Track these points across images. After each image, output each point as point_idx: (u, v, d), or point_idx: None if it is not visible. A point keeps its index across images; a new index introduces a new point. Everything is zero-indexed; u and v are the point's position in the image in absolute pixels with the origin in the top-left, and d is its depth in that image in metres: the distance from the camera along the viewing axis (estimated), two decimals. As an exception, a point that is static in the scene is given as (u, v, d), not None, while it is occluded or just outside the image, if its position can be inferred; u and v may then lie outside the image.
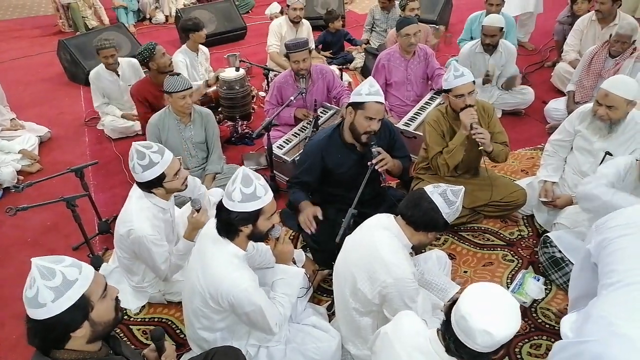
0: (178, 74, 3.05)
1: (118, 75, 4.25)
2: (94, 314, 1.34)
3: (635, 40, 3.71)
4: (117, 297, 1.45)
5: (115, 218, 3.21)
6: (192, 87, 3.09)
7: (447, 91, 2.73)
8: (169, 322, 2.54)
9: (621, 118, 2.63)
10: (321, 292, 2.65)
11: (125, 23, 6.89)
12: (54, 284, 1.27)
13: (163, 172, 2.22)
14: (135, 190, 2.35)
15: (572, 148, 2.96)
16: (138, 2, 7.54)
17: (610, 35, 3.82)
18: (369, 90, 2.43)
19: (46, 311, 1.27)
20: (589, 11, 4.73)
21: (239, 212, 1.82)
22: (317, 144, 2.68)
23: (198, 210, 2.33)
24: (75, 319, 1.31)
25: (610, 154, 2.73)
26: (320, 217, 2.55)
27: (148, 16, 7.64)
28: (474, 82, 2.72)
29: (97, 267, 2.75)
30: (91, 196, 3.01)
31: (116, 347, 1.51)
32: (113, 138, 4.29)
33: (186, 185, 2.39)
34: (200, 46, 4.56)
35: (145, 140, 3.18)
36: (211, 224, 1.98)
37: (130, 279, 2.55)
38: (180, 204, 2.79)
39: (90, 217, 3.14)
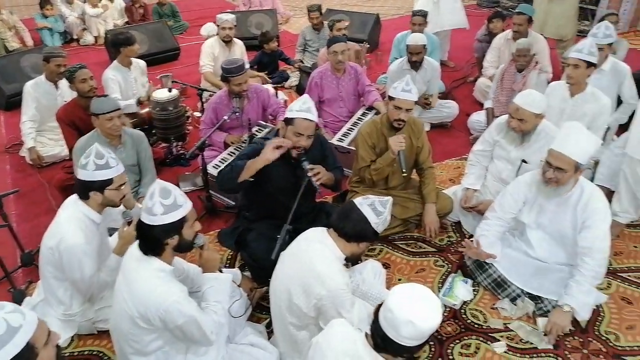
0: (105, 96, 2.99)
1: (57, 89, 4.10)
2: None
3: (535, 55, 4.05)
4: (58, 344, 1.40)
5: (39, 250, 3.07)
6: (120, 109, 3.02)
7: (391, 99, 2.87)
8: (101, 354, 2.43)
9: (531, 129, 2.87)
10: (260, 310, 2.64)
11: (50, 45, 6.62)
12: None
13: (112, 178, 2.24)
14: (65, 206, 2.33)
15: (492, 157, 3.18)
16: (64, 22, 7.27)
17: (512, 54, 4.17)
18: (300, 107, 2.50)
19: None
20: (503, 30, 5.12)
21: (164, 225, 1.82)
22: (258, 147, 2.68)
23: (129, 224, 2.29)
24: None
25: (526, 162, 2.96)
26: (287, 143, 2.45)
27: (76, 37, 7.38)
28: (416, 102, 2.89)
29: (19, 302, 2.58)
30: (12, 227, 2.84)
31: None
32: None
33: (121, 203, 2.39)
34: (135, 60, 4.44)
35: (72, 166, 3.10)
36: (134, 246, 1.95)
37: (57, 308, 2.42)
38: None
39: (10, 250, 2.96)
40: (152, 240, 1.86)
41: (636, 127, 2.92)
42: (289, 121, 2.52)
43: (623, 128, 3.48)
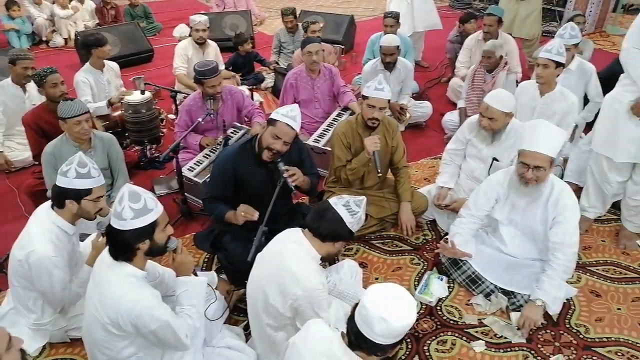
0: (72, 99, 2.93)
1: (25, 92, 3.99)
2: None
3: (502, 56, 4.13)
4: (22, 348, 1.36)
5: (8, 257, 2.98)
6: (88, 112, 2.96)
7: (365, 98, 2.89)
8: (74, 363, 2.38)
9: (501, 128, 2.93)
10: (238, 312, 2.63)
11: (17, 47, 6.44)
12: None
13: (92, 188, 2.19)
14: (36, 216, 2.26)
15: (465, 156, 3.24)
16: (32, 24, 7.09)
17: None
18: (286, 112, 2.51)
19: None
20: (476, 30, 5.22)
21: (134, 229, 1.79)
22: (230, 154, 2.69)
23: (104, 235, 2.24)
24: None
25: (497, 160, 3.02)
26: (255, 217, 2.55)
27: (44, 39, 7.20)
28: (389, 101, 2.92)
29: (-13, 312, 2.51)
30: (-22, 234, 2.75)
31: None
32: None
33: (96, 216, 2.32)
34: (108, 62, 4.35)
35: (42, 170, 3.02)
36: (104, 251, 1.92)
37: (27, 317, 2.36)
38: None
39: (-22, 258, 2.87)
40: (122, 245, 1.83)
41: (601, 125, 3.02)
42: (271, 122, 2.53)
43: (590, 126, 3.59)
